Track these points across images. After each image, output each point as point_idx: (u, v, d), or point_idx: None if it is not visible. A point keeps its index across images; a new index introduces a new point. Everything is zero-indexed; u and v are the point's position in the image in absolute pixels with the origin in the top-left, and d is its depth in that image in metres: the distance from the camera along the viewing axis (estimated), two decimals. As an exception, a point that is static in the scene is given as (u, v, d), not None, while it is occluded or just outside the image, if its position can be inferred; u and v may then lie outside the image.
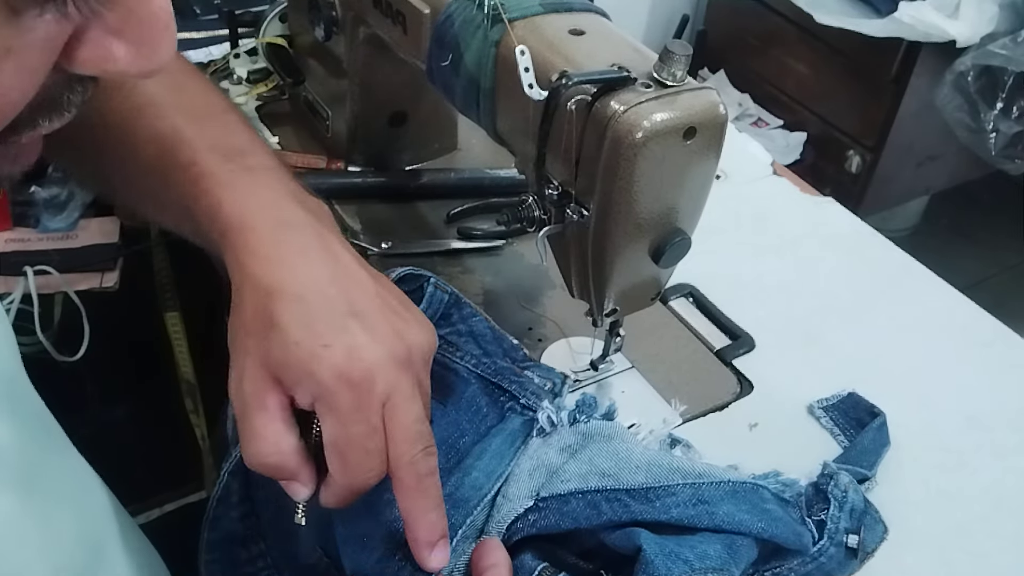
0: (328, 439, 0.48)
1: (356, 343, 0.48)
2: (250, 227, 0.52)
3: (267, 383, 0.48)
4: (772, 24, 2.07)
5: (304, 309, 0.48)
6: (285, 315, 0.48)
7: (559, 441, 0.63)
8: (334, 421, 0.48)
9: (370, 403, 0.48)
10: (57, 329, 1.24)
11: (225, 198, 0.53)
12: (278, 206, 0.53)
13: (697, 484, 0.58)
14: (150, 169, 0.57)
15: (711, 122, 0.57)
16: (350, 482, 0.49)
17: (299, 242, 0.52)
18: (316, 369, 0.47)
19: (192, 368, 1.33)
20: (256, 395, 0.48)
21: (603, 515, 0.56)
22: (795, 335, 0.82)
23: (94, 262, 1.26)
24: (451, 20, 0.65)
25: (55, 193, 1.28)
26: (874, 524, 0.65)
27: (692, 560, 0.54)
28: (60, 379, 1.26)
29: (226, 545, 0.64)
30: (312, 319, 0.48)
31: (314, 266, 0.51)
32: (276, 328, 0.48)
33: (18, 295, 1.20)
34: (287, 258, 0.50)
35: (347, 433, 0.48)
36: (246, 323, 0.49)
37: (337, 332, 0.48)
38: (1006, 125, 1.89)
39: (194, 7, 1.22)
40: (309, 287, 0.49)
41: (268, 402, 0.48)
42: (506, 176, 0.94)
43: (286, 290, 0.49)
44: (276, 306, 0.48)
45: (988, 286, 2.19)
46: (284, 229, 0.52)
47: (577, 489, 0.57)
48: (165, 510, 1.25)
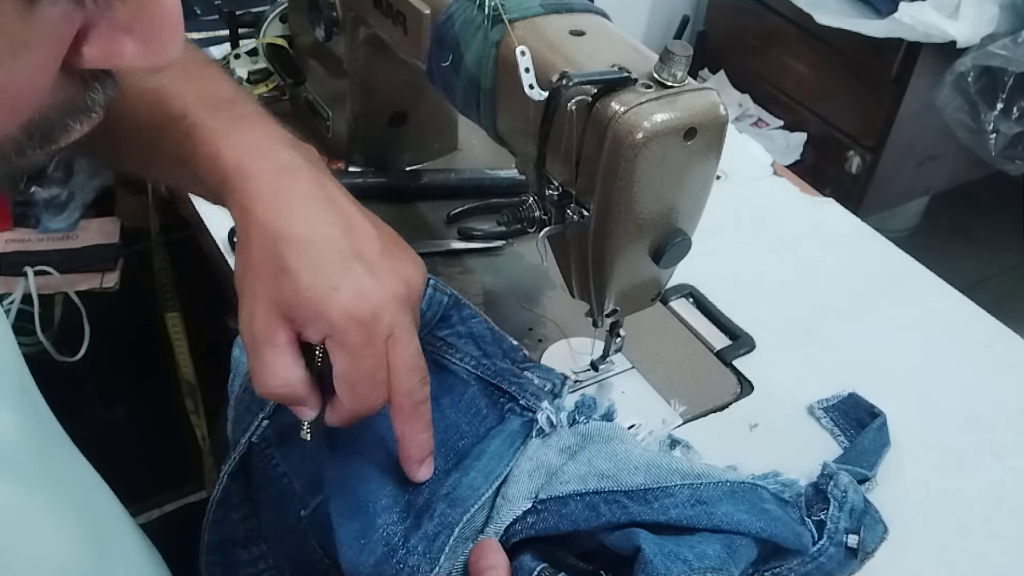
0: (339, 372, 0.52)
1: (362, 285, 0.51)
2: (251, 172, 0.53)
3: (277, 321, 0.51)
4: (772, 24, 2.07)
5: (311, 253, 0.51)
6: (294, 260, 0.50)
7: (558, 442, 0.63)
8: (345, 356, 0.51)
9: (377, 339, 0.51)
10: (57, 329, 1.24)
11: (222, 146, 0.54)
12: (275, 151, 0.55)
13: (695, 485, 0.58)
14: (141, 125, 0.58)
15: (711, 122, 0.57)
16: (358, 408, 0.53)
17: (299, 187, 0.54)
18: (327, 310, 0.50)
19: (192, 368, 1.33)
20: (266, 332, 0.51)
21: (602, 517, 0.56)
22: (795, 335, 0.82)
23: (94, 262, 1.26)
24: (451, 20, 0.65)
25: (55, 193, 1.28)
26: (874, 524, 0.65)
27: (691, 560, 0.54)
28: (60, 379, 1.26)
29: (227, 547, 0.64)
30: (320, 263, 0.51)
31: (316, 210, 0.53)
32: (286, 272, 0.50)
33: (18, 295, 1.20)
34: (290, 202, 0.53)
35: (357, 367, 0.51)
36: (255, 265, 0.52)
37: (343, 275, 0.51)
38: (1006, 125, 1.89)
39: (194, 7, 1.22)
40: (314, 231, 0.52)
41: (278, 339, 0.51)
42: (506, 176, 0.94)
43: (293, 235, 0.51)
44: (284, 250, 0.51)
45: (988, 286, 2.18)
46: (284, 174, 0.54)
47: (576, 491, 0.57)
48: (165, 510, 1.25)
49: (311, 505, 0.61)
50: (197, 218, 0.89)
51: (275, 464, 0.64)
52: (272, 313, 0.51)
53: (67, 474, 0.52)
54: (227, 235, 0.85)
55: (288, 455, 0.64)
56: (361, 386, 0.52)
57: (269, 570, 0.64)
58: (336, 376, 0.52)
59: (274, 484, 0.64)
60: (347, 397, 0.52)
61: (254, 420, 0.62)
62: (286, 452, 0.64)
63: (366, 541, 0.54)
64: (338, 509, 0.56)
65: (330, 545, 0.61)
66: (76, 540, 0.49)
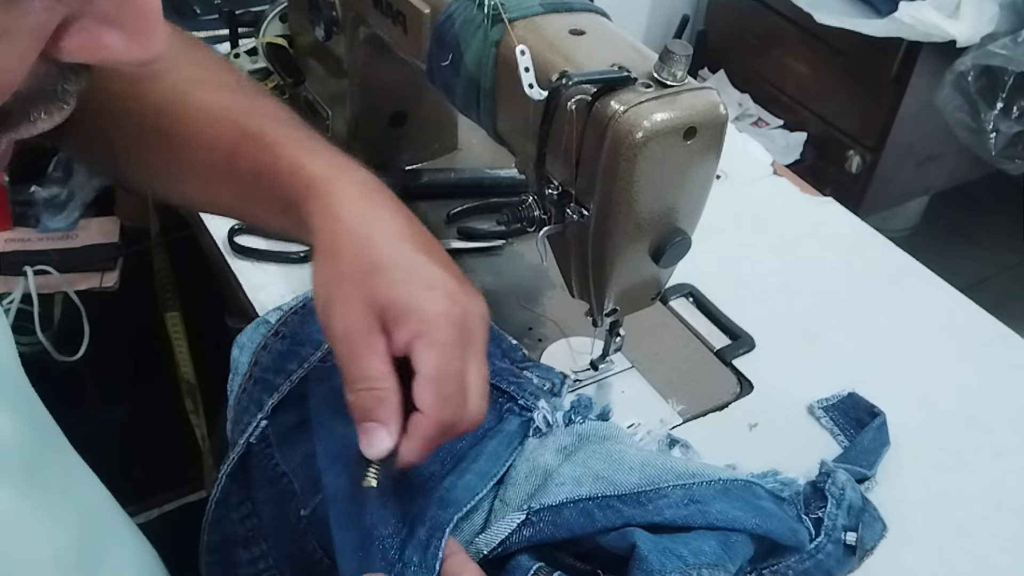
0: (426, 373, 0.50)
1: (452, 289, 0.52)
2: (338, 181, 0.54)
3: (375, 326, 0.50)
4: (772, 24, 2.07)
5: (404, 256, 0.52)
6: (387, 258, 0.51)
7: (555, 442, 0.63)
8: (435, 355, 0.50)
9: (464, 343, 0.51)
10: (57, 329, 1.24)
11: (305, 159, 0.55)
12: (355, 167, 0.57)
13: (688, 484, 0.58)
14: (213, 146, 0.59)
15: (711, 122, 0.57)
16: (440, 417, 0.50)
17: (381, 200, 0.55)
18: (422, 305, 0.50)
19: (192, 368, 1.33)
20: (365, 337, 0.50)
21: (596, 523, 0.57)
22: (795, 335, 0.82)
23: (94, 262, 1.26)
24: (451, 20, 0.65)
25: (55, 193, 1.28)
26: (873, 522, 0.65)
27: (686, 556, 0.54)
28: (60, 379, 1.26)
29: (227, 547, 0.64)
30: (413, 265, 0.52)
31: (399, 222, 0.54)
32: (380, 270, 0.51)
33: (18, 295, 1.20)
34: (379, 212, 0.54)
35: (447, 367, 0.50)
36: (346, 270, 0.52)
37: (435, 277, 0.52)
38: (1006, 125, 1.89)
39: (194, 7, 1.22)
40: (404, 240, 0.53)
41: (377, 345, 0.50)
42: (506, 176, 0.94)
43: (384, 238, 0.52)
44: (377, 251, 0.51)
45: (988, 286, 2.18)
46: (367, 188, 0.55)
47: (569, 498, 0.57)
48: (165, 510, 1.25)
49: (311, 505, 0.61)
50: (197, 218, 0.89)
51: (275, 464, 0.64)
52: (368, 315, 0.50)
53: (62, 475, 0.52)
54: (226, 235, 0.85)
55: (288, 455, 0.63)
56: (447, 388, 0.50)
57: (269, 570, 0.64)
58: (422, 380, 0.50)
59: (274, 484, 0.63)
60: (431, 404, 0.50)
61: (252, 420, 0.62)
62: (286, 452, 0.64)
63: (364, 554, 0.54)
64: (335, 516, 0.56)
65: (330, 545, 0.61)
66: (70, 538, 0.49)
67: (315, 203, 0.54)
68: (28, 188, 1.27)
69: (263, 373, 0.64)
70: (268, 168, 0.56)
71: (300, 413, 0.63)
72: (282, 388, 0.62)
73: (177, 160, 0.61)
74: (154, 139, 0.61)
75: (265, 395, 0.63)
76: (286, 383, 0.62)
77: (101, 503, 0.56)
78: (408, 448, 0.51)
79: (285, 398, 0.62)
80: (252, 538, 0.64)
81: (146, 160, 0.63)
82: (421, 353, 0.50)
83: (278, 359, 0.64)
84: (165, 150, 0.61)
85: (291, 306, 0.68)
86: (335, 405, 0.60)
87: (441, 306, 0.50)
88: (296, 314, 0.67)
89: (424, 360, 0.50)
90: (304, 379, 0.62)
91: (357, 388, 0.50)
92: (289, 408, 0.63)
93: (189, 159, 0.60)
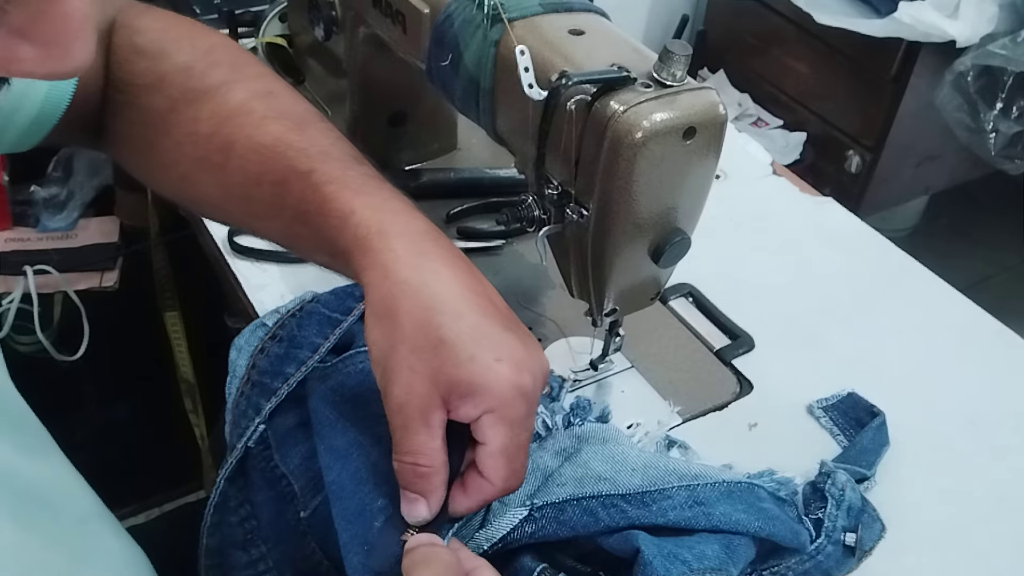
0: (499, 448, 0.50)
1: (520, 355, 0.50)
2: (393, 234, 0.51)
3: (435, 401, 0.49)
4: (772, 24, 2.07)
5: (469, 323, 0.49)
6: (453, 331, 0.49)
7: (554, 445, 0.63)
8: (507, 430, 0.49)
9: (533, 412, 0.51)
10: (57, 329, 1.24)
11: (357, 204, 0.53)
12: (411, 214, 0.54)
13: (693, 486, 0.58)
14: (259, 180, 0.57)
15: (711, 122, 0.57)
16: (508, 485, 0.51)
17: (439, 253, 0.52)
18: (493, 382, 0.48)
19: (192, 368, 1.33)
20: (423, 413, 0.49)
21: (600, 522, 0.56)
22: (795, 335, 0.82)
23: (94, 262, 1.26)
24: (451, 20, 0.65)
25: (54, 192, 1.28)
26: (872, 522, 0.65)
27: (690, 560, 0.54)
28: (60, 379, 1.26)
29: (226, 550, 0.64)
30: (478, 334, 0.49)
31: (460, 279, 0.51)
32: (446, 345, 0.48)
33: (18, 295, 1.20)
34: (437, 268, 0.51)
35: (519, 441, 0.50)
36: (408, 337, 0.49)
37: (502, 345, 0.49)
38: (1006, 125, 1.89)
39: (194, 7, 1.22)
40: (466, 299, 0.50)
41: (433, 420, 0.49)
42: (506, 176, 0.94)
43: (447, 305, 0.49)
44: (441, 321, 0.49)
45: (988, 286, 2.18)
46: (423, 238, 0.52)
47: (572, 496, 0.57)
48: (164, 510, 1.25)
49: (311, 506, 0.61)
50: (197, 217, 0.89)
51: (274, 466, 0.64)
52: (433, 392, 0.49)
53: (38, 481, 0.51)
54: (226, 235, 0.85)
55: (287, 457, 0.63)
56: (518, 460, 0.51)
57: (268, 572, 0.63)
58: (495, 453, 0.50)
59: (273, 486, 0.63)
60: (502, 476, 0.50)
61: (251, 425, 0.62)
62: (285, 454, 0.63)
63: (369, 548, 0.54)
64: (339, 512, 0.56)
65: (330, 546, 0.61)
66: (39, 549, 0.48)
67: (366, 258, 0.51)
68: (28, 188, 1.27)
69: (260, 377, 0.64)
70: (316, 210, 0.54)
71: (299, 415, 0.63)
72: (280, 392, 0.62)
73: (223, 189, 0.60)
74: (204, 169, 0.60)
75: (263, 399, 0.63)
76: (283, 387, 0.62)
77: (83, 508, 0.56)
78: (464, 506, 0.51)
79: (283, 400, 0.62)
80: (251, 540, 0.64)
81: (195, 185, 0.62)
82: (491, 427, 0.49)
83: (275, 363, 0.63)
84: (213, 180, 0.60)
85: (288, 309, 0.68)
86: (337, 405, 0.60)
87: (512, 381, 0.49)
88: (294, 317, 0.67)
89: (494, 435, 0.49)
90: (302, 382, 0.62)
91: (403, 460, 0.50)
92: (288, 410, 0.63)
93: (236, 192, 0.59)
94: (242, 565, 0.64)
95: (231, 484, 0.63)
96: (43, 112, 0.58)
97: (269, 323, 0.68)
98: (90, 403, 1.39)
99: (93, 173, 1.30)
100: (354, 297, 0.67)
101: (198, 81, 0.60)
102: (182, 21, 0.65)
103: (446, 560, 0.48)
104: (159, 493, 1.35)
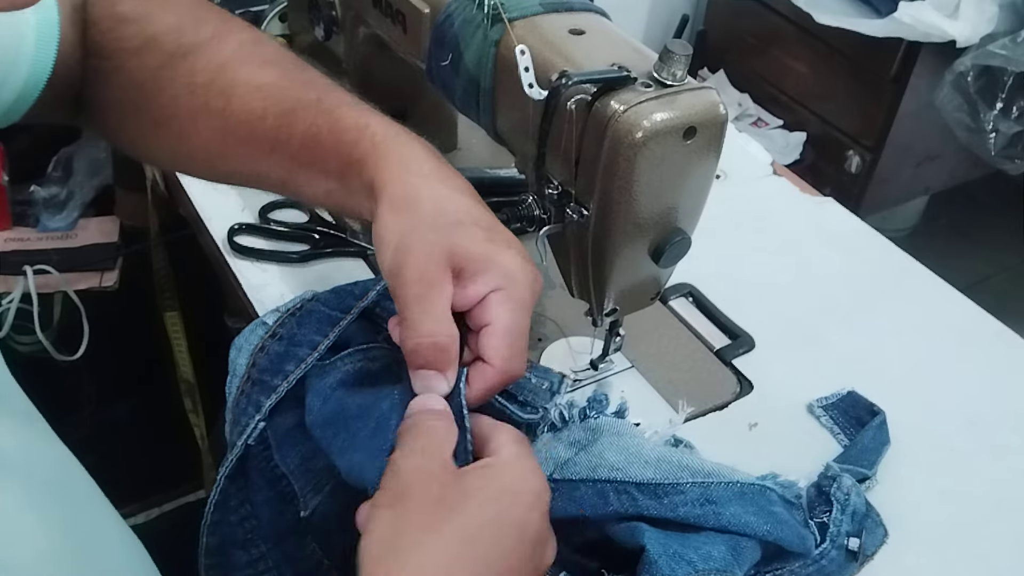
0: (503, 326, 0.52)
1: (524, 254, 0.54)
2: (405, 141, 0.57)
3: (448, 275, 0.52)
4: (772, 24, 2.07)
5: (484, 216, 0.54)
6: (468, 215, 0.54)
7: (568, 436, 0.63)
8: (513, 308, 0.52)
9: (532, 305, 0.54)
10: (57, 328, 1.24)
11: (371, 120, 0.58)
12: (414, 135, 0.59)
13: (706, 484, 0.57)
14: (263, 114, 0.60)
15: (711, 122, 0.57)
16: (506, 368, 0.53)
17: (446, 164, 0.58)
18: (506, 262, 0.52)
19: (191, 367, 1.33)
20: (439, 284, 0.52)
21: (610, 505, 0.56)
22: (795, 335, 0.82)
23: (93, 261, 1.26)
24: (451, 20, 0.65)
25: (54, 192, 1.28)
26: (875, 527, 0.65)
27: (696, 561, 0.54)
28: (59, 379, 1.26)
29: (226, 549, 0.64)
30: (492, 222, 0.54)
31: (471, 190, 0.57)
32: (464, 224, 0.53)
33: (18, 294, 1.20)
34: (451, 175, 0.57)
35: (521, 321, 0.53)
36: (428, 218, 0.53)
37: (512, 239, 0.54)
38: (1006, 125, 1.89)
39: (194, 6, 1.22)
40: (478, 204, 0.56)
41: (447, 292, 0.52)
42: (506, 175, 0.93)
43: (464, 200, 0.55)
44: (457, 206, 0.54)
45: (988, 286, 2.18)
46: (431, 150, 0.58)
47: (588, 477, 0.58)
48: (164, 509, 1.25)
49: (311, 506, 0.61)
50: (196, 217, 0.89)
51: (273, 466, 0.64)
52: (446, 264, 0.52)
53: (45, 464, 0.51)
54: (226, 235, 0.85)
55: (287, 457, 0.63)
56: (519, 341, 0.53)
57: (268, 571, 0.63)
58: (498, 331, 0.52)
59: (272, 486, 0.63)
60: (503, 355, 0.52)
61: (251, 422, 0.62)
62: (285, 454, 0.63)
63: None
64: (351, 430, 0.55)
65: (330, 546, 0.61)
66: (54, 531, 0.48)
67: (386, 159, 0.55)
68: (28, 188, 1.27)
69: (261, 375, 0.64)
70: (328, 130, 0.58)
71: (298, 415, 0.63)
72: (280, 390, 0.62)
73: (224, 133, 0.62)
74: (204, 116, 0.62)
75: (263, 397, 0.63)
76: (283, 384, 0.62)
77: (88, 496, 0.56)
78: (469, 395, 0.53)
79: (283, 400, 0.62)
80: (251, 540, 0.64)
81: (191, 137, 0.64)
82: (498, 305, 0.52)
83: (275, 361, 0.63)
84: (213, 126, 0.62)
85: (288, 307, 0.68)
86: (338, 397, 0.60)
87: (523, 265, 0.53)
88: (293, 316, 0.67)
89: (500, 313, 0.52)
90: (301, 381, 0.62)
91: (422, 337, 0.51)
92: (287, 410, 0.62)
93: (238, 131, 0.61)
94: (242, 564, 0.64)
95: (231, 482, 0.63)
96: (26, 87, 0.60)
97: (269, 322, 0.68)
98: (90, 403, 1.39)
99: (93, 173, 1.30)
100: (353, 296, 0.67)
101: (191, 36, 0.63)
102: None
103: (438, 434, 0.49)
104: (159, 493, 1.35)
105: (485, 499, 0.46)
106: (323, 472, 0.62)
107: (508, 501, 0.47)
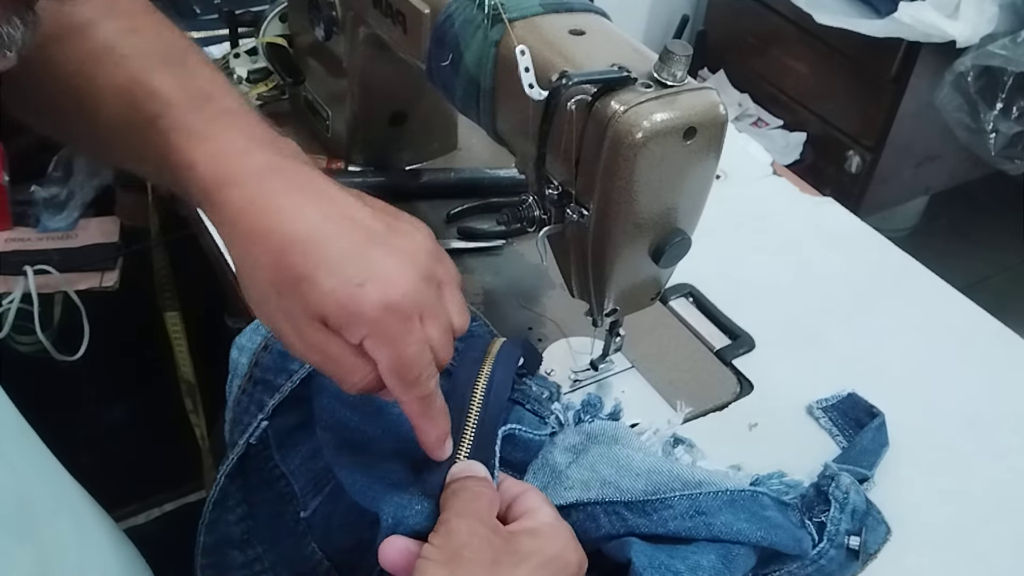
0: (387, 367, 0.49)
1: (386, 271, 0.49)
2: (232, 183, 0.50)
3: (323, 329, 0.49)
4: (772, 24, 2.07)
5: (322, 252, 0.48)
6: (308, 265, 0.48)
7: (564, 440, 0.63)
8: (389, 350, 0.49)
9: (415, 322, 0.49)
10: (57, 329, 1.24)
11: (197, 154, 0.51)
12: (251, 153, 0.52)
13: (694, 495, 0.57)
14: (117, 126, 0.55)
15: (711, 122, 0.57)
16: (417, 394, 0.51)
17: (285, 187, 0.51)
18: (360, 309, 0.47)
19: (192, 368, 1.33)
20: (324, 343, 0.49)
21: (601, 528, 0.57)
22: (795, 335, 0.82)
23: (94, 262, 1.25)
24: (451, 20, 0.65)
25: (55, 193, 1.28)
26: (876, 525, 0.65)
27: (683, 571, 0.54)
28: (60, 379, 1.26)
29: (223, 548, 0.64)
30: (335, 261, 0.48)
31: (309, 207, 0.50)
32: (305, 281, 0.48)
33: (18, 294, 1.20)
34: (281, 205, 0.50)
35: (405, 355, 0.49)
36: (272, 283, 0.49)
37: (364, 266, 0.48)
38: (1006, 125, 1.89)
39: (194, 7, 1.22)
40: (316, 229, 0.49)
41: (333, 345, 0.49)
42: (506, 176, 0.94)
43: (298, 239, 0.48)
44: (295, 259, 0.48)
45: (988, 286, 2.18)
46: (266, 177, 0.51)
47: (577, 500, 0.58)
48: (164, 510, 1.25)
49: (311, 506, 0.61)
50: (196, 217, 0.89)
51: (273, 466, 0.64)
52: (315, 323, 0.49)
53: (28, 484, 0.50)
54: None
55: (287, 457, 0.63)
56: (411, 372, 0.50)
57: (264, 572, 0.63)
58: (384, 372, 0.49)
59: (271, 486, 0.63)
60: (402, 390, 0.50)
61: (253, 421, 0.62)
62: (285, 454, 0.63)
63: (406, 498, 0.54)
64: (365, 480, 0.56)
65: (330, 546, 0.61)
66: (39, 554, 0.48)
67: (214, 215, 0.51)
68: (28, 188, 1.27)
69: (264, 373, 0.64)
70: (164, 160, 0.53)
71: (300, 415, 0.63)
72: (283, 388, 0.62)
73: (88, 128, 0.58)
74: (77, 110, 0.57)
75: (266, 396, 0.63)
76: (287, 383, 0.62)
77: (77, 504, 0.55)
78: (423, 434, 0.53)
79: (285, 400, 0.62)
80: (248, 540, 0.64)
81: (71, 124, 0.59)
82: (375, 350, 0.49)
83: (279, 359, 0.63)
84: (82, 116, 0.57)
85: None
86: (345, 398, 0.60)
87: (378, 302, 0.47)
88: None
89: (380, 357, 0.49)
90: (305, 380, 0.62)
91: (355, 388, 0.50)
92: (289, 410, 0.63)
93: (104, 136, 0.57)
94: (238, 565, 0.64)
95: (231, 482, 0.63)
96: None
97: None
98: (90, 403, 1.39)
99: (93, 173, 1.30)
100: None
101: (67, 16, 0.56)
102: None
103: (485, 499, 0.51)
104: (159, 493, 1.35)
105: (539, 564, 0.49)
106: (323, 472, 0.62)
107: (558, 566, 0.50)
